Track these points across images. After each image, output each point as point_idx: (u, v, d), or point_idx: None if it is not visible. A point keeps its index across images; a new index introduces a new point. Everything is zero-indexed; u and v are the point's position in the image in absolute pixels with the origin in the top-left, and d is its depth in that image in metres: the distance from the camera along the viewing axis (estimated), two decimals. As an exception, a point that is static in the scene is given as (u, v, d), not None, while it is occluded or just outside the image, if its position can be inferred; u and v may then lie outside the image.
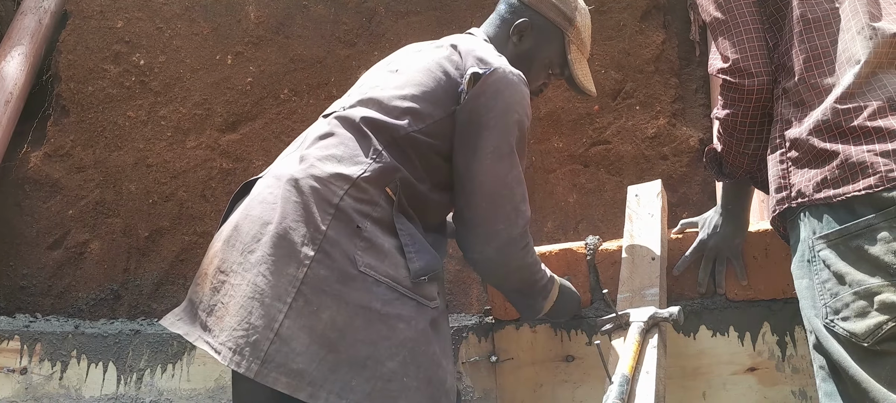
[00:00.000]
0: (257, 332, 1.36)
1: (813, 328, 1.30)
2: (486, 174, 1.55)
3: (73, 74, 3.23)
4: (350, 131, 1.56)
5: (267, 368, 1.33)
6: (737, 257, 1.81)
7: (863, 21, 1.31)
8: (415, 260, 1.46)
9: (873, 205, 1.19)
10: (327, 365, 1.34)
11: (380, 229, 1.46)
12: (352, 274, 1.40)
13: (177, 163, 3.11)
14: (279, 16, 3.18)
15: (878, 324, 1.17)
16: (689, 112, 2.84)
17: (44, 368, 2.38)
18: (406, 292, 1.43)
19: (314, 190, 1.45)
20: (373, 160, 1.51)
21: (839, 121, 1.25)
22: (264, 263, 1.41)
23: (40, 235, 3.10)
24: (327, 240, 1.41)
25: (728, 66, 1.44)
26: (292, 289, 1.37)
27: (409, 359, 1.39)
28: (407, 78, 1.62)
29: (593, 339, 1.95)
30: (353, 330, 1.37)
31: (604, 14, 2.87)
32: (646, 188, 2.02)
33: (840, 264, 1.23)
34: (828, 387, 1.27)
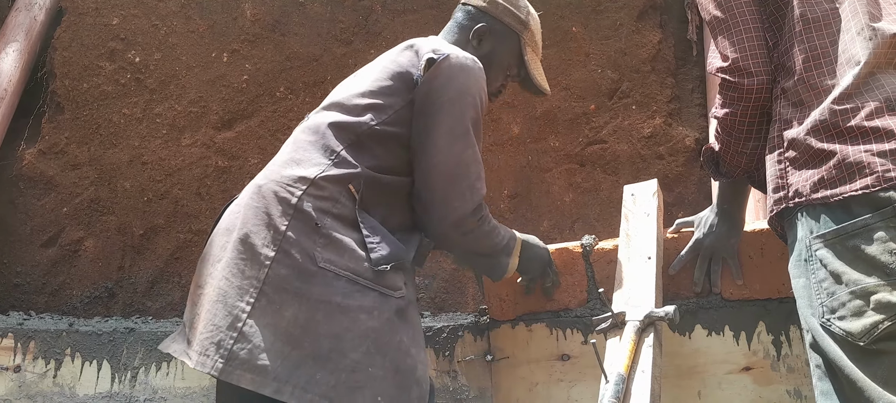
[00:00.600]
0: (221, 332, 1.40)
1: (809, 327, 1.30)
2: (441, 154, 1.58)
3: (68, 71, 3.21)
4: (313, 136, 1.62)
5: (231, 366, 1.37)
6: (732, 256, 1.81)
7: (863, 21, 1.30)
8: (376, 251, 1.49)
9: (870, 205, 1.19)
10: (292, 361, 1.37)
11: (340, 225, 1.50)
12: (311, 270, 1.43)
13: (172, 160, 3.10)
14: (275, 13, 3.17)
15: (874, 323, 1.17)
16: (686, 112, 2.84)
17: (38, 366, 2.37)
18: (367, 283, 1.45)
19: (274, 193, 1.51)
20: (331, 160, 1.56)
21: (837, 122, 1.25)
22: (228, 267, 1.47)
23: (34, 233, 3.09)
24: (286, 240, 1.45)
25: (727, 65, 1.44)
26: (254, 290, 1.42)
27: (373, 349, 1.41)
28: (366, 78, 1.69)
29: (589, 338, 1.94)
30: (315, 324, 1.40)
31: (600, 13, 2.87)
32: (642, 187, 2.02)
33: (837, 263, 1.23)
34: (824, 386, 1.28)
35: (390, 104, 1.62)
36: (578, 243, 2.03)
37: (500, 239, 1.72)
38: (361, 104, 1.63)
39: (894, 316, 1.15)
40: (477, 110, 1.65)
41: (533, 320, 2.04)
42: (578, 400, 1.94)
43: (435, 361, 2.16)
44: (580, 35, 2.88)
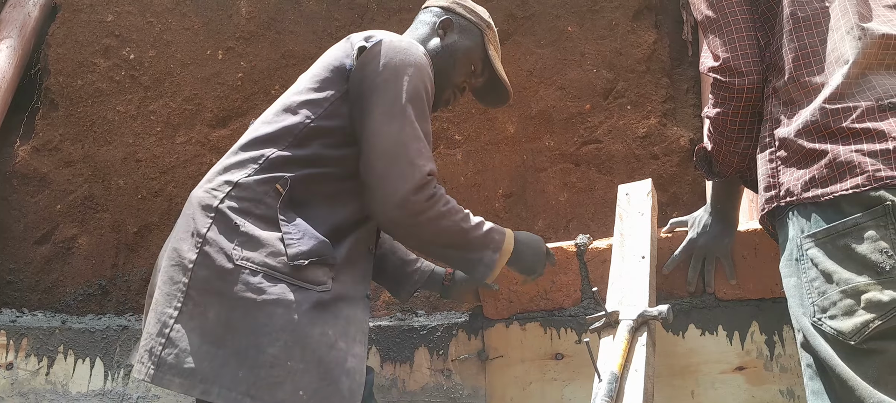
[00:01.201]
0: (152, 339, 1.44)
1: (801, 326, 1.30)
2: (377, 135, 1.54)
3: (63, 68, 3.20)
4: (246, 141, 1.63)
5: (161, 372, 1.40)
6: (726, 256, 1.81)
7: (852, 21, 1.30)
8: (293, 246, 1.48)
9: (861, 204, 1.19)
10: (218, 361, 1.39)
11: (262, 223, 1.51)
12: (228, 268, 1.44)
13: (166, 158, 3.09)
14: (271, 11, 3.17)
15: (864, 322, 1.17)
16: (680, 112, 2.84)
17: (30, 363, 2.36)
18: (283, 278, 1.45)
19: (199, 200, 1.55)
20: (260, 164, 1.56)
21: (828, 122, 1.25)
22: (162, 277, 1.51)
23: (28, 230, 3.08)
24: (206, 242, 1.48)
25: (718, 65, 1.45)
26: (181, 294, 1.45)
27: (291, 342, 1.41)
28: (307, 76, 1.70)
29: (582, 337, 1.95)
30: (235, 322, 1.41)
31: (596, 13, 2.88)
32: (636, 187, 2.03)
33: (827, 263, 1.23)
34: (815, 386, 1.28)
35: (325, 98, 1.61)
36: (573, 242, 2.03)
37: (470, 228, 1.61)
38: (298, 101, 1.63)
39: (885, 315, 1.15)
40: (417, 87, 1.60)
41: (527, 319, 2.04)
42: (572, 399, 1.94)
43: (429, 360, 2.16)
44: (575, 34, 2.88)
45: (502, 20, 2.93)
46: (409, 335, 2.20)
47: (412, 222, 1.54)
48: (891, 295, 1.15)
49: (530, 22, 2.93)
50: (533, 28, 2.92)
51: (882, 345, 1.17)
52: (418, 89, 1.61)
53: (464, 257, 1.63)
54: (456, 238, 1.60)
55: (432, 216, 1.55)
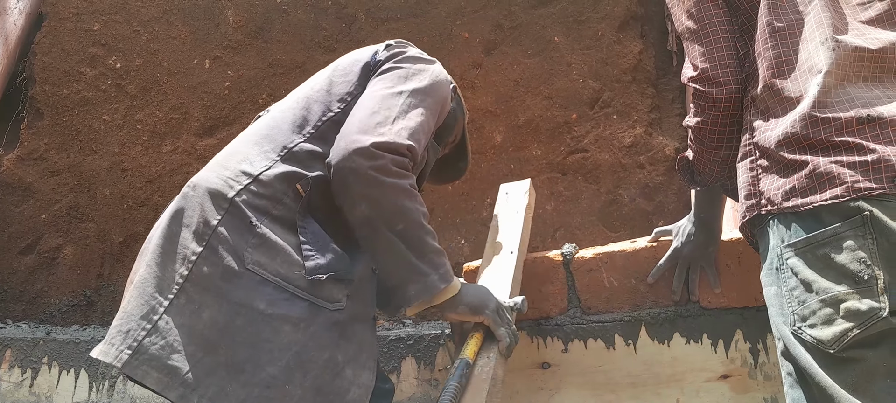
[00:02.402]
0: (133, 320, 1.28)
1: (781, 335, 1.32)
2: (375, 95, 1.48)
3: (48, 77, 3.18)
4: (267, 129, 1.51)
5: (137, 359, 1.25)
6: (710, 265, 1.83)
7: (826, 32, 1.32)
8: (312, 258, 1.36)
9: (840, 214, 1.21)
10: (204, 368, 1.26)
11: (279, 226, 1.38)
12: (237, 270, 1.32)
13: (152, 167, 3.08)
14: (258, 20, 3.17)
15: (843, 331, 1.19)
16: (666, 121, 2.87)
17: (14, 375, 2.34)
18: (298, 292, 1.33)
19: (209, 186, 1.40)
20: (280, 155, 1.44)
21: (808, 134, 1.27)
22: (152, 256, 1.35)
23: (12, 240, 3.05)
24: (216, 236, 1.34)
25: (697, 75, 1.46)
26: (175, 286, 1.31)
27: (293, 364, 1.29)
28: (330, 70, 1.64)
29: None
30: (233, 330, 1.29)
31: (582, 24, 2.90)
32: (515, 186, 2.11)
33: (807, 272, 1.25)
34: (795, 394, 1.30)
35: (349, 92, 1.55)
36: (559, 252, 2.04)
37: (431, 236, 1.46)
38: (323, 91, 1.56)
39: (863, 324, 1.17)
40: (433, 85, 1.55)
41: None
42: (559, 408, 1.95)
43: (416, 370, 2.16)
44: (562, 45, 2.90)
45: (489, 30, 2.95)
46: (396, 345, 2.20)
47: (374, 179, 1.37)
48: (869, 304, 1.17)
49: (517, 32, 2.94)
50: (520, 38, 2.94)
51: (861, 354, 1.19)
52: (432, 89, 1.56)
53: (409, 262, 1.43)
54: (412, 231, 1.43)
55: (399, 187, 1.40)
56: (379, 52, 1.61)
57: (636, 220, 2.69)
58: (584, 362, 1.94)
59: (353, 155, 1.36)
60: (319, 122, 1.50)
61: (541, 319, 2.03)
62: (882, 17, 1.36)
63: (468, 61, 2.96)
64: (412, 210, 1.42)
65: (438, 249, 1.49)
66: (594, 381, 1.91)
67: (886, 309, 1.16)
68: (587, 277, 1.98)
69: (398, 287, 1.46)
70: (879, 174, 1.18)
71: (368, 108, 1.45)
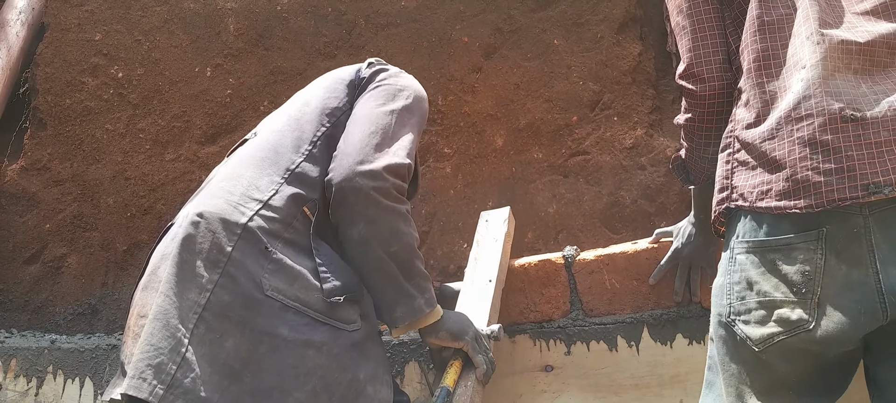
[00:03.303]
0: (163, 354, 1.27)
1: (715, 321, 1.38)
2: (367, 114, 1.51)
3: (51, 87, 3.20)
4: (264, 151, 1.51)
5: (172, 394, 1.24)
6: (711, 265, 1.83)
7: (812, 27, 1.30)
8: (329, 281, 1.37)
9: (799, 225, 1.21)
10: (230, 397, 1.26)
11: (292, 250, 1.39)
12: (257, 298, 1.32)
13: (155, 176, 3.09)
14: (259, 28, 3.18)
15: (771, 334, 1.23)
16: (667, 122, 2.87)
17: (19, 384, 2.35)
18: (318, 317, 1.35)
19: (220, 214, 1.38)
20: (284, 178, 1.45)
21: (791, 130, 1.25)
22: (168, 284, 1.33)
23: (17, 249, 3.07)
24: (232, 263, 1.33)
25: (683, 71, 1.48)
26: (194, 315, 1.29)
27: (320, 389, 1.30)
28: (315, 87, 1.67)
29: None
30: (257, 358, 1.29)
31: (581, 26, 2.90)
32: (495, 214, 2.16)
33: (752, 271, 1.28)
34: (710, 376, 1.38)
35: (337, 106, 1.58)
36: (561, 254, 2.05)
37: (420, 261, 1.51)
38: (312, 108, 1.58)
39: (789, 332, 1.21)
40: (417, 104, 1.59)
41: (516, 331, 2.05)
42: (562, 411, 1.95)
43: (420, 374, 2.16)
44: (562, 47, 2.91)
45: (489, 34, 2.96)
46: (399, 349, 2.21)
47: (374, 201, 1.41)
48: (799, 315, 1.20)
49: (516, 35, 2.95)
50: (519, 42, 2.94)
51: (776, 363, 1.25)
52: (415, 108, 1.59)
53: (399, 284, 1.48)
54: (404, 254, 1.47)
55: (397, 211, 1.45)
56: (362, 70, 1.64)
57: (638, 222, 2.69)
58: (586, 364, 1.94)
59: (358, 176, 1.40)
60: (315, 139, 1.52)
61: (543, 322, 2.03)
62: (878, 9, 1.33)
63: (468, 65, 2.97)
64: (407, 234, 1.47)
65: (425, 274, 1.53)
66: (597, 383, 1.92)
67: (813, 324, 1.18)
68: (589, 279, 1.99)
69: (385, 307, 1.51)
70: (854, 182, 1.16)
71: (364, 128, 1.47)
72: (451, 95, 2.97)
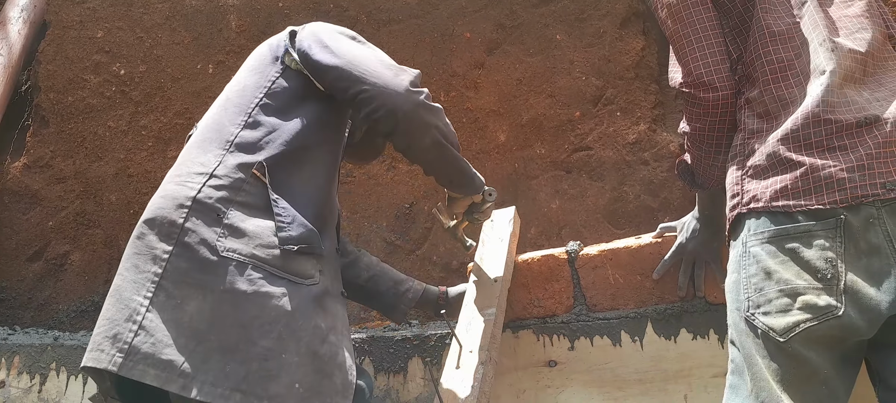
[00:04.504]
0: (117, 325, 1.32)
1: (732, 321, 1.35)
2: (356, 56, 1.58)
3: (53, 84, 3.20)
4: (207, 132, 1.59)
5: (131, 360, 1.28)
6: (715, 260, 1.82)
7: (823, 34, 1.34)
8: (285, 230, 1.44)
9: (816, 216, 1.23)
10: (198, 356, 1.30)
11: (246, 211, 1.44)
12: (213, 260, 1.37)
13: (158, 173, 3.09)
14: (261, 24, 3.18)
15: (796, 322, 1.22)
16: (670, 117, 2.86)
17: (22, 381, 2.35)
18: (274, 271, 1.40)
19: (171, 191, 1.46)
20: (227, 149, 1.51)
21: (809, 134, 1.28)
22: (123, 265, 1.40)
23: (20, 247, 3.07)
24: (185, 232, 1.39)
25: (691, 80, 1.46)
26: (151, 285, 1.34)
27: (285, 334, 1.35)
28: (242, 72, 1.72)
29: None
30: (221, 316, 1.33)
31: (584, 21, 2.90)
32: (500, 213, 2.14)
33: (769, 261, 1.27)
34: (734, 380, 1.34)
35: (267, 75, 1.63)
36: (564, 249, 2.04)
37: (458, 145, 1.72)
38: (243, 86, 1.64)
39: (817, 318, 1.20)
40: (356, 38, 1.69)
41: (519, 326, 2.04)
42: (566, 406, 1.95)
43: (423, 370, 2.16)
44: (564, 43, 2.90)
45: (492, 30, 2.95)
46: (402, 345, 2.21)
47: (430, 107, 1.57)
48: (827, 300, 1.20)
49: (519, 31, 2.94)
50: (522, 37, 2.94)
51: (806, 353, 1.22)
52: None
53: (464, 166, 1.72)
54: (456, 139, 1.67)
55: (440, 109, 1.62)
56: (284, 39, 1.68)
57: (642, 217, 2.68)
58: (590, 359, 1.94)
59: (410, 95, 1.53)
60: (250, 109, 1.57)
61: (546, 317, 2.03)
62: (862, 15, 1.38)
63: (470, 61, 2.96)
64: (448, 124, 1.66)
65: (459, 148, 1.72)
66: (601, 378, 1.91)
67: (842, 309, 1.18)
68: (592, 274, 1.98)
69: (467, 184, 1.75)
70: (874, 180, 1.20)
71: (370, 62, 1.57)
72: (454, 91, 2.96)
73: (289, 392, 1.32)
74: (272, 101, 1.59)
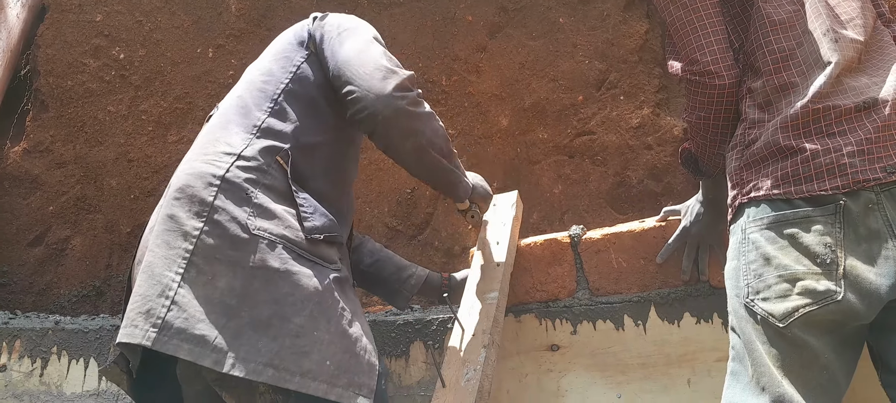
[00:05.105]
0: (150, 300, 1.33)
1: (732, 308, 1.35)
2: (354, 54, 1.59)
3: (52, 69, 3.18)
4: (232, 114, 1.60)
5: (165, 335, 1.29)
6: (719, 244, 1.81)
7: (826, 24, 1.34)
8: (310, 220, 1.46)
9: (815, 202, 1.24)
10: (230, 332, 1.31)
11: (272, 194, 1.47)
12: (244, 237, 1.38)
13: (158, 157, 3.08)
14: (261, 8, 3.15)
15: (795, 307, 1.22)
16: (673, 102, 2.84)
17: (23, 365, 2.35)
18: (303, 253, 1.42)
19: (198, 170, 1.47)
20: (254, 133, 1.53)
21: (808, 121, 1.28)
22: (155, 242, 1.40)
23: (20, 232, 3.06)
24: (214, 210, 1.40)
25: (697, 68, 1.44)
26: (183, 261, 1.36)
27: (317, 313, 1.37)
28: (267, 54, 1.74)
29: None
30: (252, 292, 1.35)
31: (587, 4, 2.87)
32: (503, 198, 2.13)
33: (768, 247, 1.27)
34: (734, 367, 1.34)
35: (292, 62, 1.65)
36: (567, 233, 2.03)
37: (451, 143, 1.69)
38: (269, 70, 1.65)
39: (815, 304, 1.20)
40: (375, 35, 1.68)
41: (522, 310, 2.03)
42: (569, 390, 1.94)
43: (425, 354, 2.15)
44: (567, 26, 2.87)
45: (494, 13, 2.93)
46: (404, 329, 2.20)
47: (414, 112, 1.54)
48: (826, 285, 1.20)
49: (522, 14, 2.92)
50: (524, 20, 2.91)
51: (804, 339, 1.22)
52: (376, 36, 1.69)
53: (453, 171, 1.68)
54: (446, 145, 1.64)
55: (428, 113, 1.59)
56: (312, 26, 1.71)
57: (645, 202, 2.67)
58: (593, 344, 1.93)
59: (393, 99, 1.51)
60: (276, 95, 1.59)
61: (549, 301, 2.02)
62: (858, 1, 1.38)
63: (472, 45, 2.94)
64: (440, 129, 1.63)
65: (454, 153, 1.71)
66: (604, 363, 1.90)
67: (841, 294, 1.18)
68: (595, 258, 1.97)
69: (449, 191, 1.72)
70: (874, 165, 1.21)
71: (362, 61, 1.57)
72: (456, 75, 2.94)
73: (320, 369, 1.34)
74: (297, 88, 1.61)
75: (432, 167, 1.65)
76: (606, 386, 1.89)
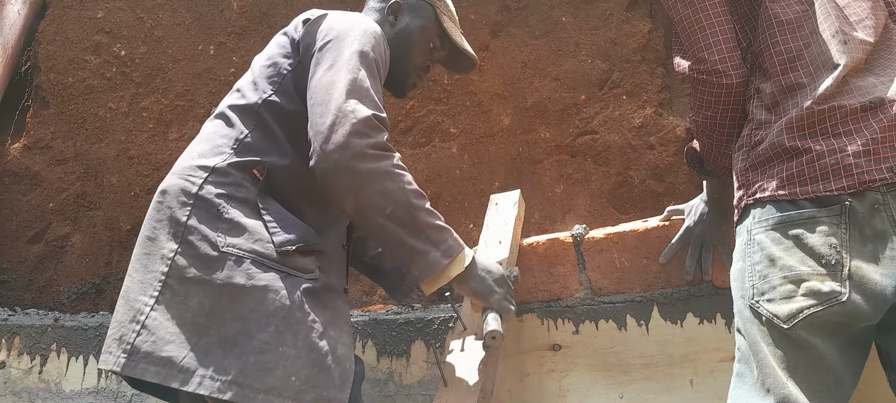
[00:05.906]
0: (122, 326, 1.37)
1: (738, 310, 1.34)
2: (318, 82, 1.47)
3: (53, 65, 3.17)
4: (217, 126, 1.59)
5: (134, 360, 1.33)
6: (723, 244, 1.80)
7: (835, 25, 1.33)
8: (277, 234, 1.43)
9: (819, 202, 1.23)
10: (199, 350, 1.33)
11: (245, 209, 1.45)
12: (213, 255, 1.38)
13: (159, 155, 3.07)
14: (263, 5, 3.14)
15: (800, 308, 1.21)
16: (676, 101, 2.83)
17: (22, 362, 2.34)
18: (273, 265, 1.40)
19: (176, 187, 1.47)
20: (234, 148, 1.52)
21: (813, 122, 1.27)
22: (133, 266, 1.44)
23: (20, 229, 3.05)
24: (188, 230, 1.41)
25: (704, 67, 1.43)
26: (158, 283, 1.38)
27: (282, 328, 1.35)
28: (258, 60, 1.68)
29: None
30: (220, 310, 1.35)
31: (590, 3, 2.86)
32: (505, 197, 2.12)
33: (773, 248, 1.26)
34: (740, 368, 1.33)
35: (277, 71, 1.59)
36: (569, 233, 2.02)
37: (424, 209, 1.43)
38: (254, 79, 1.61)
39: (821, 304, 1.19)
40: (364, 47, 1.53)
41: (524, 310, 2.03)
42: (570, 390, 1.93)
43: (426, 353, 2.14)
44: (570, 25, 2.86)
45: (496, 11, 2.92)
46: (405, 328, 2.19)
47: (352, 168, 1.37)
48: (831, 286, 1.19)
49: (524, 13, 2.91)
50: (527, 19, 2.90)
51: (809, 340, 1.21)
52: (366, 48, 1.53)
53: (405, 242, 1.42)
54: (402, 210, 1.41)
55: (377, 169, 1.39)
56: (298, 28, 1.63)
57: (647, 202, 2.66)
58: (595, 343, 1.92)
59: (330, 154, 1.38)
60: (258, 109, 1.56)
61: (551, 301, 2.01)
62: (869, 0, 1.37)
63: (475, 44, 2.92)
64: (396, 190, 1.41)
65: (437, 225, 1.46)
66: (606, 363, 1.90)
67: (846, 295, 1.18)
68: (598, 258, 1.96)
69: (406, 270, 1.60)
70: (880, 165, 1.20)
71: (321, 99, 1.44)
72: (458, 74, 2.93)
73: (285, 385, 1.33)
74: (282, 100, 1.58)
75: (379, 235, 1.46)
76: (608, 386, 1.88)
